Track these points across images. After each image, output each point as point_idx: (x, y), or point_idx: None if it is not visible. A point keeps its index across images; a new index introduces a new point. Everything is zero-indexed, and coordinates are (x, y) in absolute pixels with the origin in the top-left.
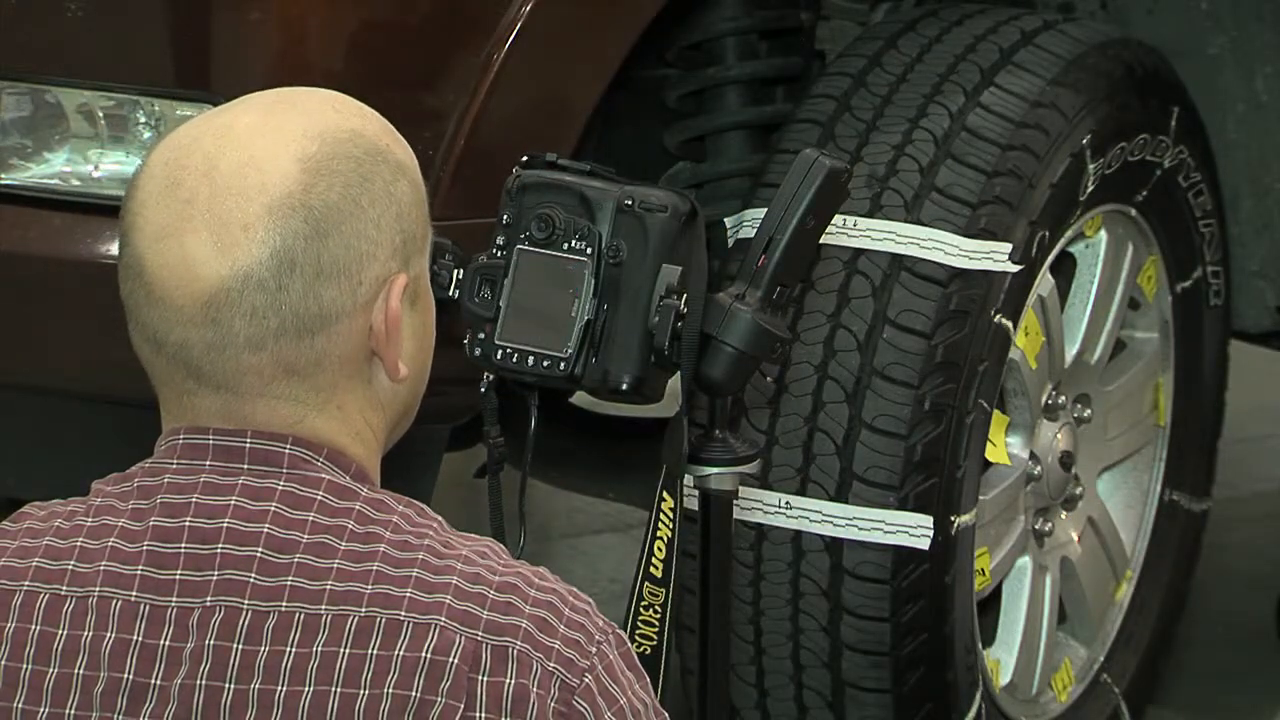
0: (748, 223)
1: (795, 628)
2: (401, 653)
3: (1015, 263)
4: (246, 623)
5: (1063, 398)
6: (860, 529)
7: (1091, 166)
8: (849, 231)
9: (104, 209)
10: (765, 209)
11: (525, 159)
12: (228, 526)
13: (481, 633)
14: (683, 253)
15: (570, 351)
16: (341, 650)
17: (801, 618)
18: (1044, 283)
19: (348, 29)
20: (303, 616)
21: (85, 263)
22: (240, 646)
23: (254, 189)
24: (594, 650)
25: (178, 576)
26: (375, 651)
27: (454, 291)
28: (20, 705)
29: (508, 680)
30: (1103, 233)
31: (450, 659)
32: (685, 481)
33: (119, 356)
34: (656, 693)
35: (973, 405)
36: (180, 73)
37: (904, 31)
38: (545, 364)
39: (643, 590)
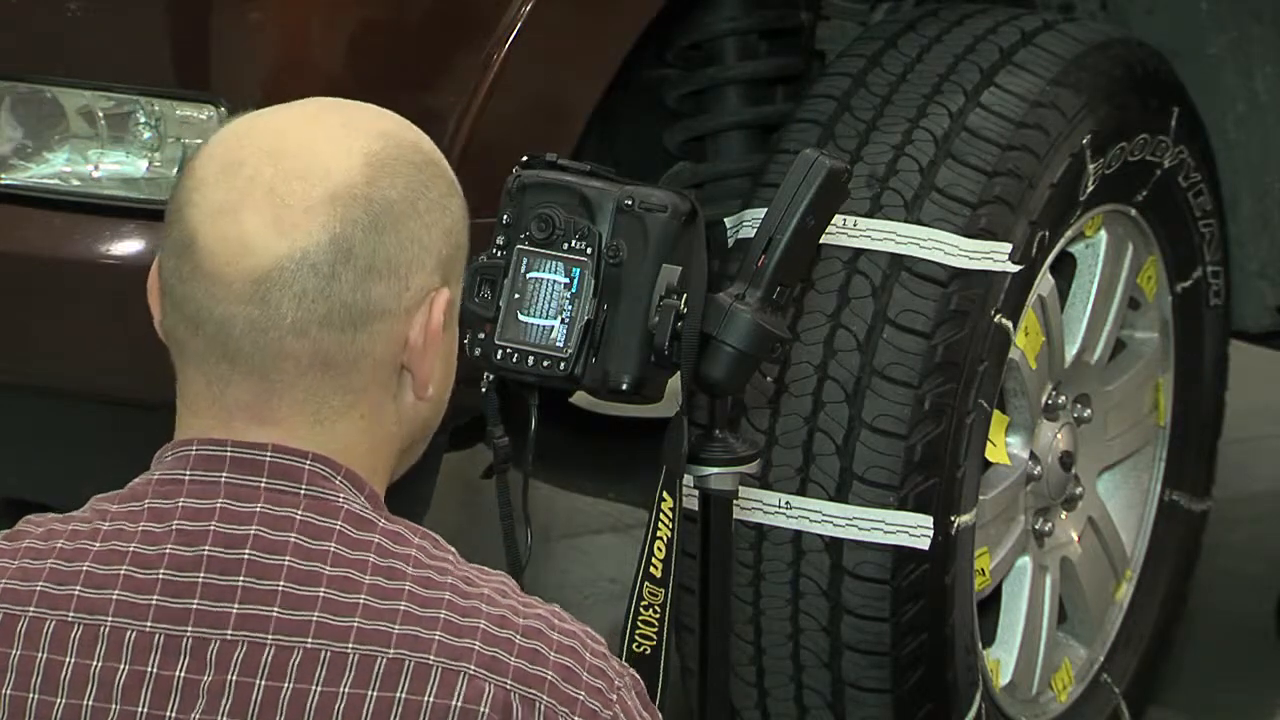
0: (748, 223)
1: (795, 628)
2: (431, 699)
3: (1015, 263)
4: (270, 658)
5: (1063, 398)
6: (860, 529)
7: (1091, 166)
8: (849, 231)
9: (104, 209)
10: (765, 209)
11: (525, 159)
12: (248, 559)
13: (510, 681)
14: (683, 253)
15: (570, 351)
16: (369, 693)
17: (801, 618)
18: (1044, 283)
19: (348, 29)
20: (329, 655)
21: (85, 263)
22: (264, 683)
23: (318, 174)
24: (615, 698)
25: (195, 606)
26: (404, 695)
27: None
28: None
29: None
30: (1103, 233)
31: (481, 708)
32: (685, 481)
33: (119, 356)
34: (656, 693)
35: (973, 405)
36: (180, 73)
37: (904, 31)
38: (545, 364)
39: (643, 590)
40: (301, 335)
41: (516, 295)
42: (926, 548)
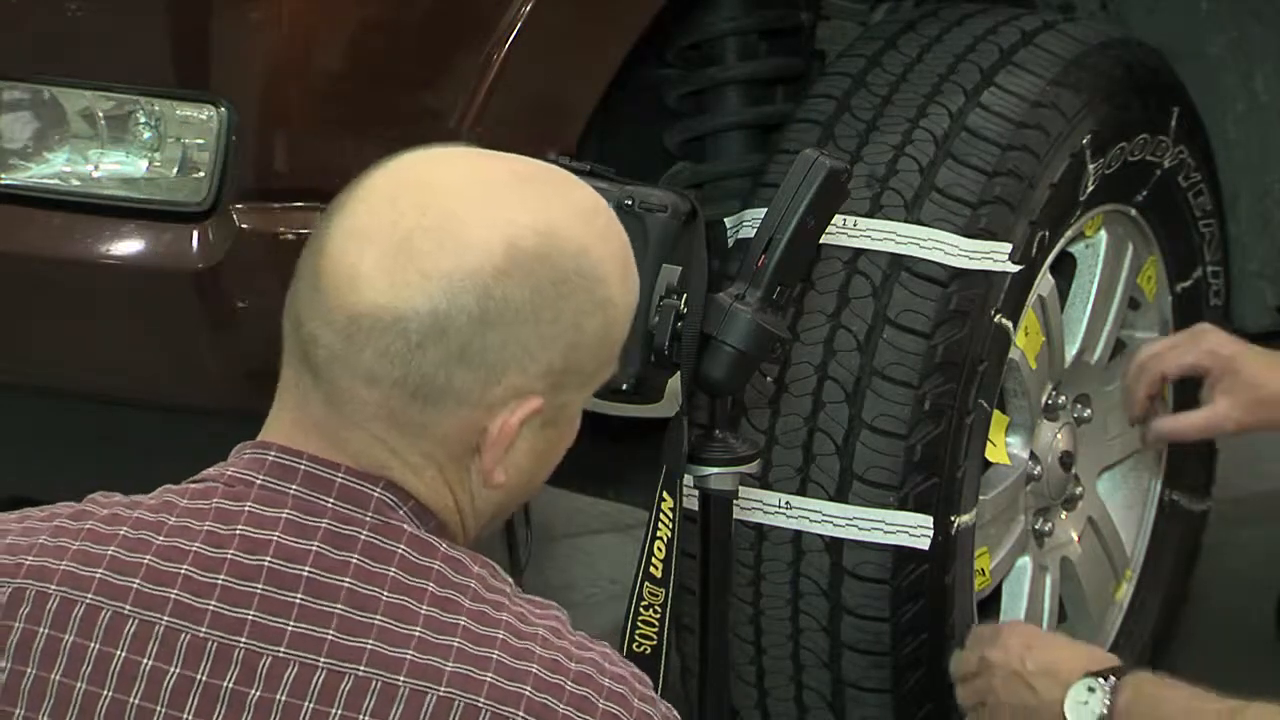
0: (748, 223)
1: (795, 628)
2: None
3: (1015, 263)
4: (321, 680)
5: (1063, 398)
6: (860, 529)
7: (1091, 166)
8: (849, 231)
9: (104, 209)
10: (765, 209)
11: None
12: (307, 576)
13: None
14: (683, 253)
15: None
16: None
17: (801, 618)
18: (1044, 283)
19: (348, 29)
20: (380, 684)
21: (85, 263)
22: (312, 705)
23: (454, 247)
24: None
25: (250, 617)
26: None
27: None
28: None
29: None
30: (1103, 233)
31: None
32: (685, 481)
33: (119, 356)
34: (656, 693)
35: (973, 405)
36: (180, 73)
37: (904, 31)
38: None
39: (643, 590)
40: (373, 386)
41: None
42: (926, 548)
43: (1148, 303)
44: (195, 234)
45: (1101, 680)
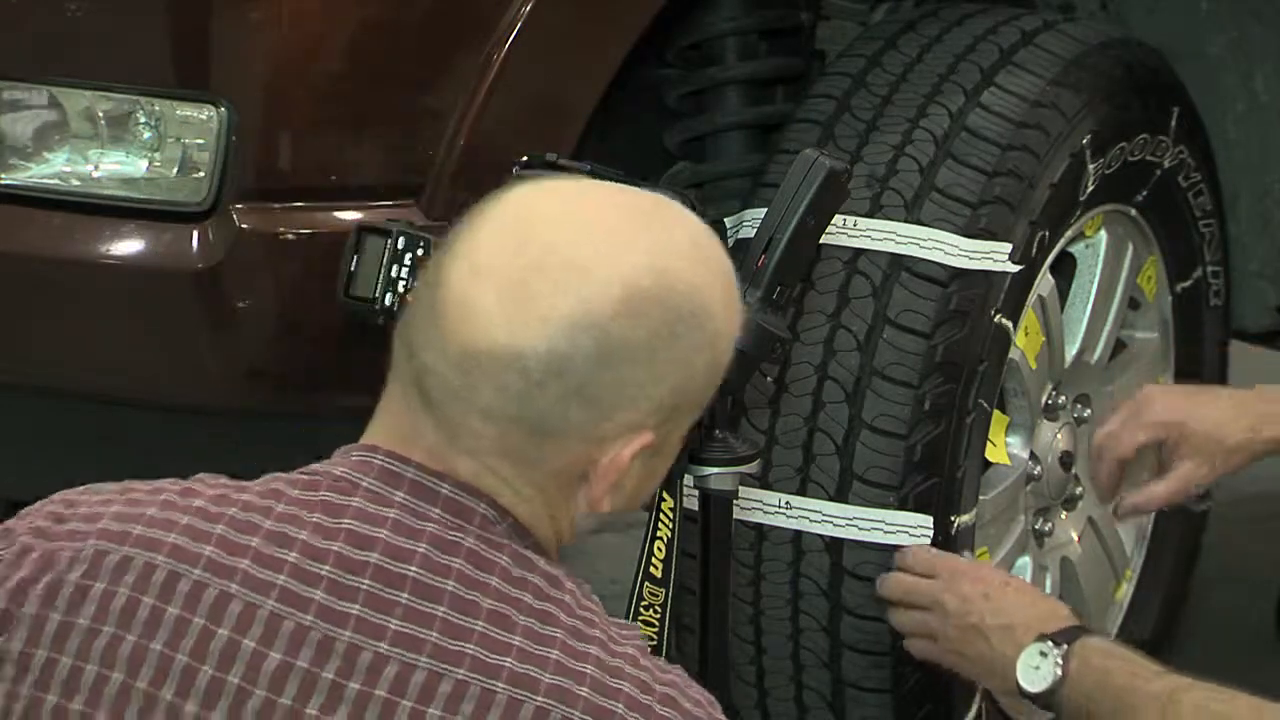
0: (748, 223)
1: (795, 628)
2: None
3: (1015, 263)
4: (421, 680)
5: (1063, 398)
6: (860, 529)
7: (1091, 167)
8: (849, 231)
9: (104, 209)
10: (765, 209)
11: (525, 159)
12: (414, 576)
13: None
14: None
15: None
16: None
17: (801, 618)
18: (1044, 283)
19: (348, 29)
20: (479, 690)
21: (85, 263)
22: (410, 704)
23: (571, 290)
24: None
25: (355, 612)
26: None
27: None
28: (168, 696)
29: None
30: (1103, 233)
31: None
32: (685, 481)
33: (119, 356)
34: None
35: (973, 405)
36: (180, 73)
37: (904, 31)
38: None
39: (643, 590)
40: (488, 420)
41: None
42: None
43: (1148, 303)
44: (195, 234)
45: (1054, 645)
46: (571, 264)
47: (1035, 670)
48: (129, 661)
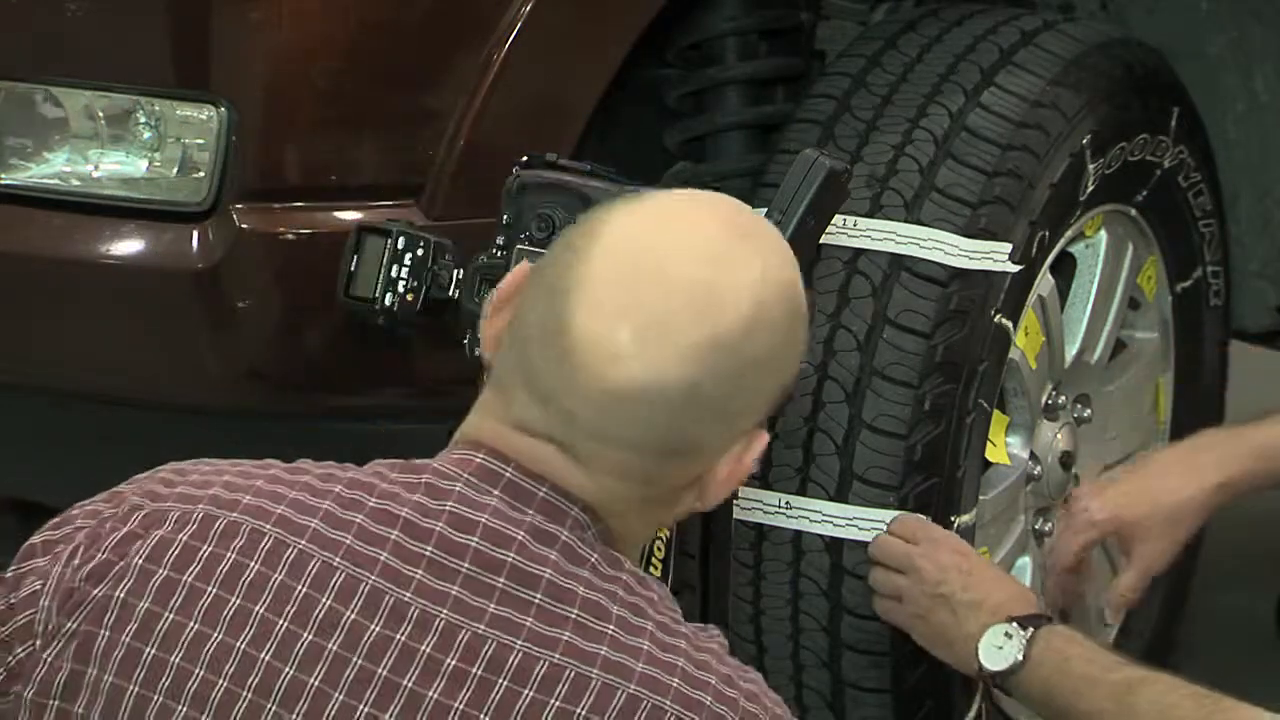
0: None
1: (795, 628)
2: None
3: (1015, 263)
4: (517, 662)
5: (1063, 398)
6: (860, 529)
7: (1091, 166)
8: (849, 231)
9: (104, 209)
10: (765, 209)
11: (525, 159)
12: (512, 562)
13: None
14: None
15: None
16: None
17: (801, 618)
18: (1044, 283)
19: (348, 29)
20: (573, 674)
21: (85, 263)
22: (505, 683)
23: (706, 317)
24: None
25: (454, 592)
26: None
27: (454, 291)
28: (266, 658)
29: None
30: (1103, 233)
31: None
32: None
33: (119, 356)
34: None
35: (973, 405)
36: (180, 73)
37: (904, 31)
38: None
39: None
40: (628, 451)
41: None
42: None
43: (1148, 303)
44: (195, 234)
45: (1020, 628)
46: (698, 291)
47: (998, 650)
48: (230, 622)
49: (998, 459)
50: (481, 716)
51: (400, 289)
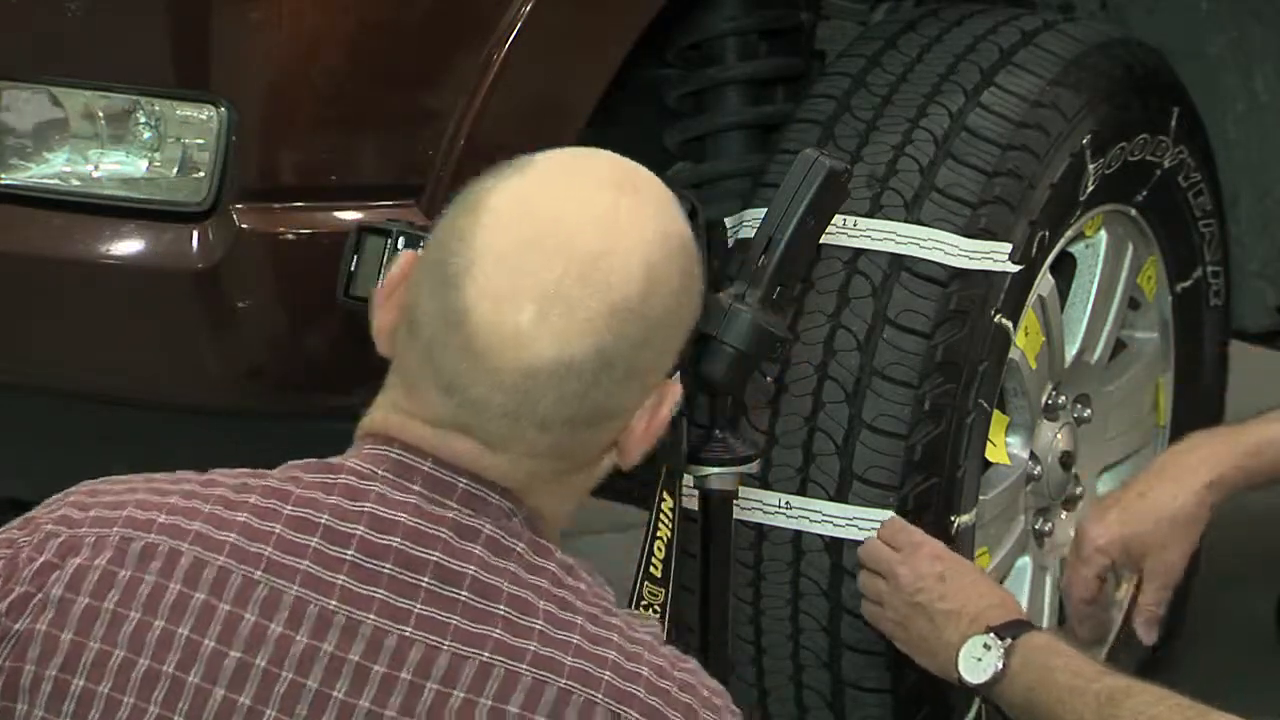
0: (748, 223)
1: (795, 628)
2: None
3: (1015, 263)
4: (446, 663)
5: (1063, 398)
6: (860, 529)
7: (1091, 166)
8: (849, 231)
9: (104, 209)
10: (765, 209)
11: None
12: (436, 561)
13: None
14: None
15: None
16: (536, 716)
17: (801, 618)
18: (1044, 283)
19: (348, 29)
20: (503, 671)
21: (85, 263)
22: (435, 686)
23: (603, 285)
24: None
25: (379, 596)
26: None
27: None
28: (196, 680)
29: None
30: (1103, 233)
31: None
32: (685, 481)
33: (119, 356)
34: None
35: (973, 405)
36: (180, 73)
37: (904, 31)
38: None
39: (643, 590)
40: (546, 430)
41: None
42: None
43: (1148, 303)
44: (195, 234)
45: (998, 639)
46: (589, 261)
47: (977, 662)
48: (156, 646)
49: (998, 459)
50: None
51: None
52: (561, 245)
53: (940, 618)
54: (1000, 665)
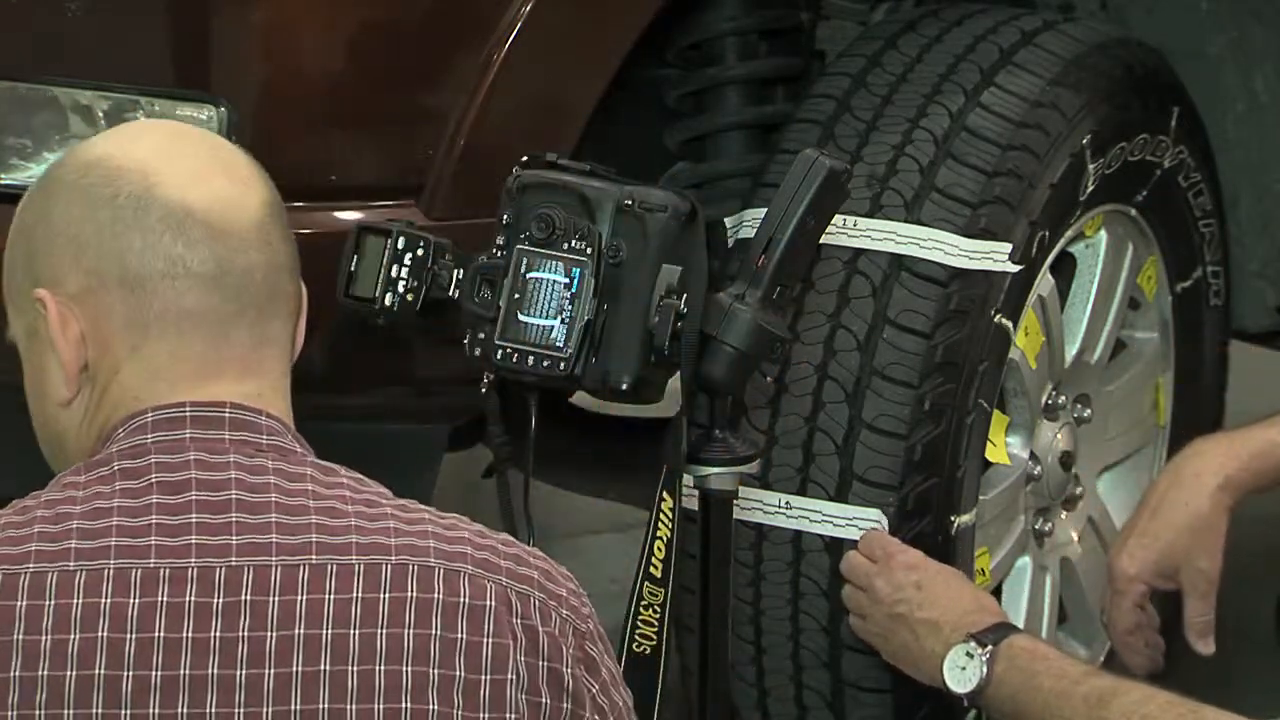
0: (748, 223)
1: (795, 628)
2: (441, 596)
3: (1015, 263)
4: (279, 576)
5: (1063, 398)
6: (860, 529)
7: (1091, 166)
8: (849, 231)
9: None
10: (765, 209)
11: (525, 159)
12: (236, 498)
13: (505, 579)
14: (682, 253)
15: (570, 351)
16: (381, 595)
17: (801, 618)
18: (1044, 283)
19: (347, 29)
20: (335, 567)
21: None
22: (277, 598)
23: (236, 157)
24: (586, 598)
25: (194, 541)
26: (415, 595)
27: (454, 291)
28: (45, 672)
29: (537, 625)
30: (1103, 233)
31: (487, 603)
32: (685, 481)
33: None
34: (656, 692)
35: (973, 405)
36: (180, 73)
37: (904, 31)
38: (545, 364)
39: (643, 590)
40: (292, 275)
41: (516, 295)
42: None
43: (1148, 303)
44: None
45: (980, 646)
46: (220, 145)
47: (962, 671)
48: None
49: (998, 459)
50: (268, 634)
51: (400, 289)
52: (177, 138)
53: (921, 628)
54: (984, 673)
